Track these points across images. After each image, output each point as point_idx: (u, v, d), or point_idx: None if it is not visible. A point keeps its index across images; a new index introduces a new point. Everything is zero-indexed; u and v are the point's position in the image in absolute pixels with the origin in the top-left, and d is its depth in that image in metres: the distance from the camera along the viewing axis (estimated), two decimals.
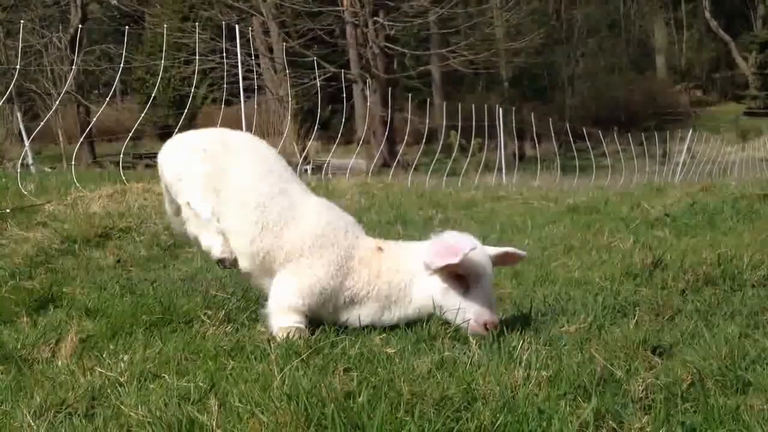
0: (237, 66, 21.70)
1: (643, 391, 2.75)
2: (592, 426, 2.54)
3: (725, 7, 60.29)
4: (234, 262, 3.99)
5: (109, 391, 2.90)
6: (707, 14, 59.70)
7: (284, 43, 32.33)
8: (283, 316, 3.80)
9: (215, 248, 3.97)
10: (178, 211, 4.22)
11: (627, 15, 57.25)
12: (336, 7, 34.75)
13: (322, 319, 3.91)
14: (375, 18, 33.59)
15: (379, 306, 3.90)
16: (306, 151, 21.54)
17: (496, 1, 40.01)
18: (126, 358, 3.24)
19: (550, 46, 48.14)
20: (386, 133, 26.83)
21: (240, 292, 4.76)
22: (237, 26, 15.89)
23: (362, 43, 34.52)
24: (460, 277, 3.78)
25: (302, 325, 3.78)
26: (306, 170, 22.01)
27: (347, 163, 20.70)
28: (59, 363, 3.31)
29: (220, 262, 4.00)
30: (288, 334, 3.65)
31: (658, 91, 53.30)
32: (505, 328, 3.77)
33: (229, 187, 3.99)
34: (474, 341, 3.44)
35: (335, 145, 18.37)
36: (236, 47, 21.60)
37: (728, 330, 3.70)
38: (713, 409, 2.66)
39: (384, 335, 3.66)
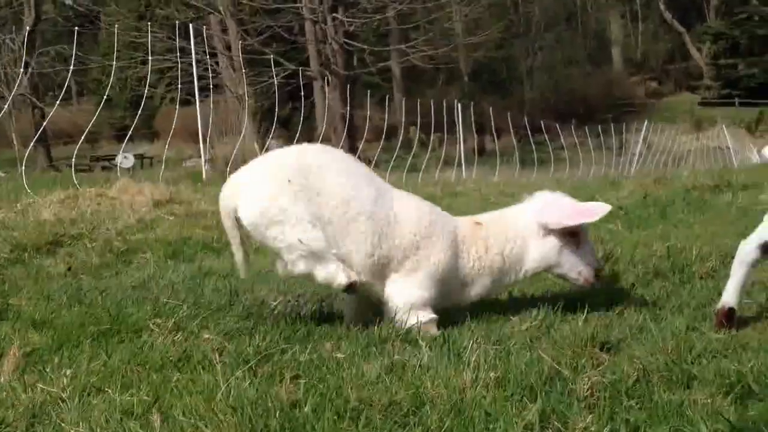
0: (198, 65, 21.49)
1: (588, 389, 2.77)
2: (538, 426, 2.54)
3: None
4: (360, 283, 3.80)
5: (50, 407, 2.84)
6: (662, 6, 60.47)
7: (242, 41, 32.09)
8: (417, 312, 3.84)
9: (340, 276, 3.73)
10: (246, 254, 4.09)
11: (583, 8, 57.82)
12: (295, 4, 34.53)
13: (438, 306, 3.97)
14: (334, 14, 33.45)
15: (490, 278, 4.04)
16: (265, 149, 21.37)
17: None
18: (69, 372, 3.17)
19: (508, 39, 48.45)
20: (346, 129, 26.76)
21: (192, 298, 4.71)
22: (191, 24, 15.68)
23: (321, 40, 34.38)
24: (572, 234, 3.99)
25: (434, 315, 3.88)
26: None
27: None
28: (0, 380, 3.23)
29: (350, 287, 3.77)
30: (428, 329, 3.78)
31: (615, 83, 53.97)
32: (456, 329, 3.81)
33: (329, 208, 3.78)
34: (424, 344, 3.43)
35: (295, 143, 18.20)
36: (194, 45, 21.36)
37: (676, 323, 3.75)
38: (657, 405, 2.68)
39: (335, 340, 3.63)
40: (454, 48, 41.09)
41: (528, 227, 4.02)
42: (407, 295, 3.84)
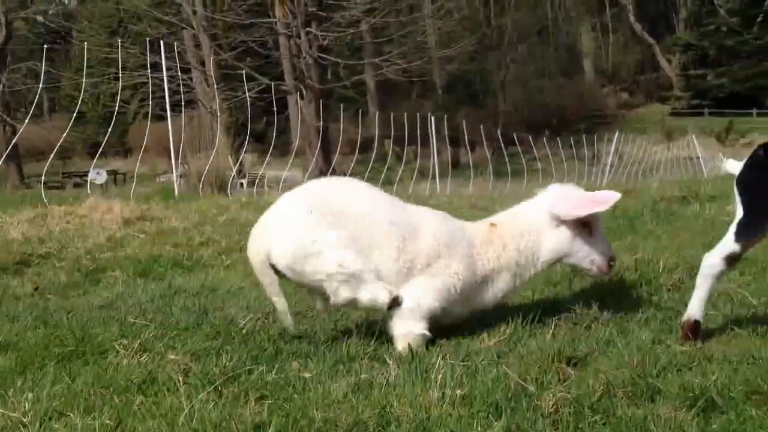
0: (171, 80, 21.38)
1: (553, 405, 2.78)
2: None
3: (649, 11, 61.96)
4: (400, 296, 3.83)
5: None
6: (632, 18, 61.23)
7: (216, 56, 32.00)
8: (414, 321, 3.84)
9: (382, 293, 3.76)
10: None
11: (555, 21, 58.34)
12: (268, 19, 34.52)
13: (453, 316, 4.02)
14: (308, 29, 33.48)
15: (510, 275, 4.10)
16: (239, 164, 21.29)
17: (427, 9, 40.33)
18: (31, 395, 3.12)
19: (481, 52, 48.79)
20: (321, 143, 26.75)
21: (160, 318, 4.67)
22: (161, 41, 15.61)
23: (295, 54, 34.38)
24: (585, 224, 4.06)
25: (427, 333, 3.86)
26: (241, 184, 21.76)
27: (285, 174, 20.59)
28: None
29: (394, 301, 3.79)
30: (413, 343, 3.78)
31: (587, 94, 54.52)
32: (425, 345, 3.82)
33: (352, 224, 3.83)
34: (392, 361, 3.42)
35: (268, 157, 18.23)
36: (168, 61, 21.26)
37: (642, 336, 3.77)
38: (621, 420, 2.70)
39: (302, 359, 3.61)
40: (428, 61, 41.27)
41: (541, 220, 4.12)
42: (417, 299, 3.86)
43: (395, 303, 3.80)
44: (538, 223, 4.12)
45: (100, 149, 17.17)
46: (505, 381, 3.04)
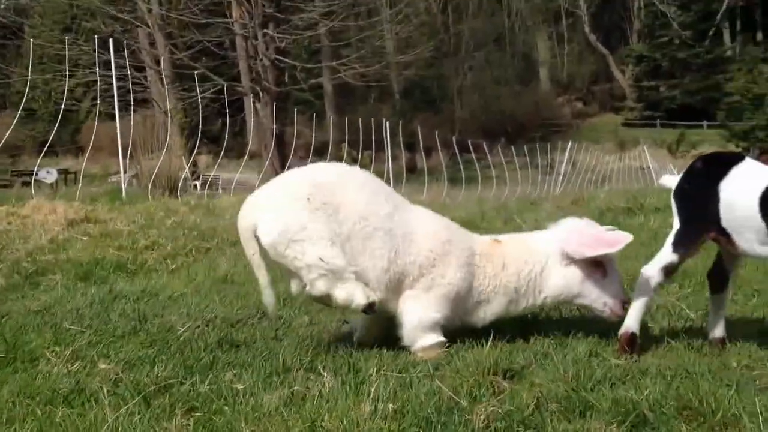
0: (122, 79, 21.04)
1: (484, 419, 2.77)
2: None
3: (603, 22, 62.92)
4: (377, 302, 3.74)
5: None
6: (586, 29, 62.13)
7: (171, 55, 31.61)
8: (425, 334, 3.82)
9: (359, 295, 3.67)
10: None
11: (511, 29, 58.92)
12: (225, 19, 34.21)
13: (451, 324, 3.95)
14: (265, 30, 33.27)
15: (507, 300, 4.01)
16: (191, 164, 21.04)
17: (386, 14, 40.40)
18: None
19: (439, 59, 49.00)
20: (277, 146, 26.58)
21: (97, 324, 4.57)
22: (111, 38, 15.35)
23: (252, 56, 34.12)
24: (597, 263, 3.94)
25: (442, 338, 3.84)
26: (195, 186, 21.51)
27: (240, 177, 20.42)
28: None
29: (369, 307, 3.70)
30: (433, 353, 3.75)
31: (542, 103, 55.13)
32: (364, 354, 3.79)
33: (348, 224, 3.73)
34: (326, 373, 3.38)
35: (220, 159, 18.05)
36: (122, 59, 20.91)
37: (579, 349, 3.79)
38: None
39: (237, 369, 3.55)
40: (386, 66, 41.32)
41: (549, 253, 3.99)
42: (418, 315, 3.83)
43: (370, 308, 3.72)
44: (546, 256, 4.00)
45: (45, 147, 16.76)
46: (438, 394, 3.02)
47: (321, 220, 3.68)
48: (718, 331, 3.94)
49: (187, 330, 4.34)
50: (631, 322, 3.80)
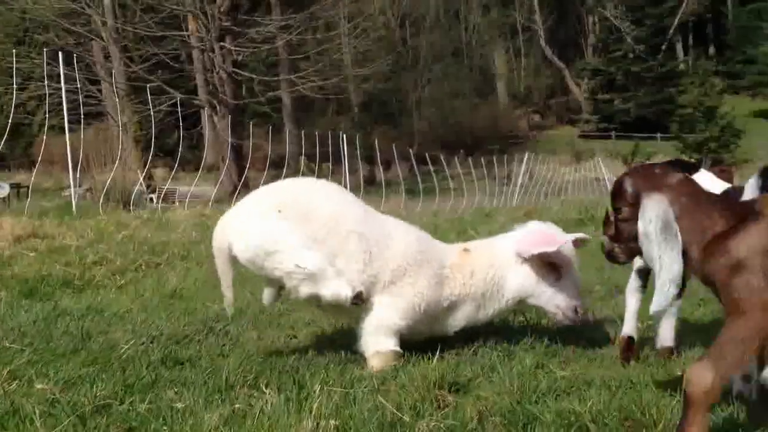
0: (76, 92, 20.72)
1: None
2: None
3: (559, 36, 63.75)
4: (363, 292, 3.84)
5: None
6: (543, 43, 62.89)
7: (126, 68, 31.26)
8: (383, 338, 3.84)
9: (344, 289, 3.77)
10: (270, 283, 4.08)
11: (469, 43, 59.39)
12: (181, 32, 33.96)
13: (417, 333, 3.98)
14: (221, 43, 33.07)
15: (475, 305, 4.06)
16: (146, 178, 20.77)
17: (344, 28, 40.45)
18: None
19: (397, 72, 49.14)
20: (234, 159, 26.38)
21: (38, 342, 4.46)
22: (60, 51, 15.13)
23: (209, 69, 33.88)
24: (552, 265, 4.01)
25: (398, 349, 3.86)
26: (151, 199, 21.22)
27: (198, 190, 20.19)
28: None
29: (357, 297, 3.80)
30: (385, 361, 3.77)
31: (500, 116, 55.57)
32: (310, 369, 3.75)
33: (320, 228, 3.83)
34: (269, 390, 3.32)
35: (173, 172, 17.87)
36: (74, 72, 20.59)
37: (525, 361, 3.78)
38: None
39: (179, 387, 3.48)
40: (344, 79, 41.34)
41: (507, 255, 4.08)
42: (384, 319, 3.86)
43: (359, 298, 3.80)
44: (505, 257, 4.08)
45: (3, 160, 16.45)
46: (381, 410, 2.99)
47: (293, 229, 3.78)
48: (668, 341, 3.96)
49: (130, 347, 4.26)
50: (626, 328, 3.89)
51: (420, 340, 4.07)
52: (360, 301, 3.84)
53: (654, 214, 2.70)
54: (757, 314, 2.46)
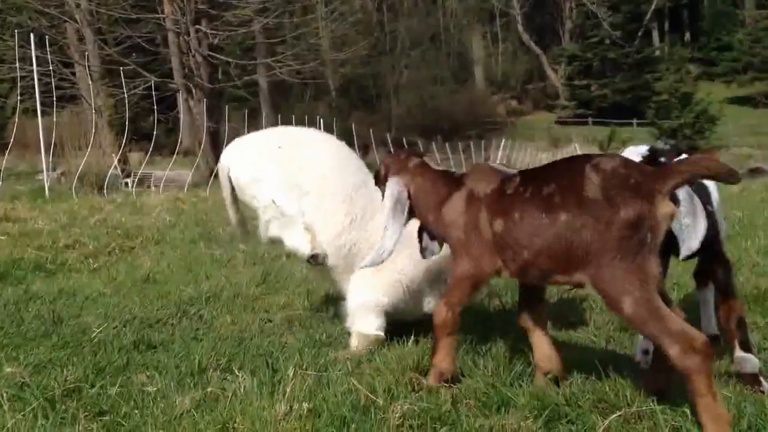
0: (49, 74, 20.43)
1: (400, 417, 2.72)
2: None
3: (536, 22, 63.89)
4: (325, 257, 3.90)
5: None
6: (520, 28, 62.98)
7: (101, 51, 30.85)
8: (365, 318, 3.83)
9: (303, 246, 3.87)
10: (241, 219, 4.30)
11: (446, 28, 59.32)
12: (156, 15, 33.57)
13: (404, 313, 3.97)
14: (197, 26, 32.74)
15: None
16: (121, 161, 20.57)
17: (321, 12, 40.18)
18: None
19: (375, 56, 48.98)
20: (210, 143, 26.18)
21: (8, 326, 4.40)
22: (32, 33, 14.90)
23: (185, 52, 33.54)
24: None
25: (382, 333, 3.84)
26: (126, 183, 21.03)
27: (174, 174, 20.02)
28: None
29: (312, 258, 3.86)
30: (366, 344, 3.76)
31: (478, 101, 55.58)
32: (285, 351, 3.73)
33: (311, 182, 3.91)
34: (242, 373, 3.29)
35: (148, 156, 17.71)
36: (47, 54, 20.30)
37: (501, 344, 3.78)
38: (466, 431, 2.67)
39: (151, 371, 3.44)
40: (322, 63, 41.10)
41: None
42: (363, 295, 3.85)
43: (315, 259, 3.86)
44: None
45: None
46: (355, 393, 2.97)
47: (284, 169, 3.91)
48: (713, 328, 3.78)
49: (102, 331, 4.21)
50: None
51: (400, 323, 4.04)
52: (316, 263, 3.91)
53: (390, 192, 3.33)
54: (464, 260, 3.09)
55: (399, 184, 3.33)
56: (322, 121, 20.81)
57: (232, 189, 4.12)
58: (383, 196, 3.43)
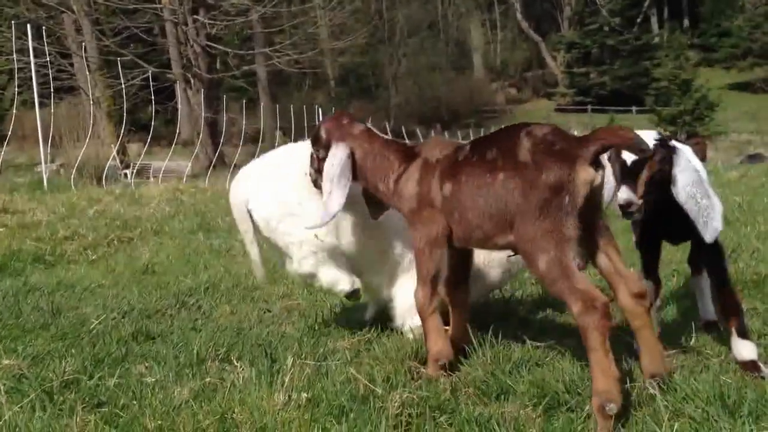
0: (47, 66, 20.35)
1: (399, 406, 2.71)
2: None
3: (535, 9, 63.63)
4: (359, 291, 3.77)
5: None
6: (519, 16, 62.74)
7: (98, 42, 30.76)
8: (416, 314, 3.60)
9: (343, 281, 3.69)
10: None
11: (445, 16, 59.11)
12: (154, 5, 33.45)
13: None
14: (195, 16, 32.62)
15: (501, 270, 4.00)
16: (121, 153, 20.55)
17: (319, 0, 40.01)
18: None
19: (373, 45, 48.88)
20: (209, 133, 26.15)
21: (7, 317, 4.39)
22: (29, 24, 14.85)
23: (183, 42, 33.43)
24: None
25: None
26: (125, 174, 21.00)
27: (173, 165, 20.00)
28: None
29: (352, 294, 3.74)
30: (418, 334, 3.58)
31: (477, 89, 55.41)
32: (284, 341, 3.72)
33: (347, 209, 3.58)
34: (241, 364, 3.28)
35: (146, 147, 17.68)
36: (44, 45, 20.21)
37: (500, 332, 3.76)
38: (465, 420, 2.66)
39: (149, 362, 3.43)
40: (320, 53, 40.99)
41: None
42: (410, 297, 3.62)
43: (353, 295, 3.75)
44: None
45: None
46: (354, 382, 2.96)
47: (316, 198, 3.52)
48: (710, 314, 3.77)
49: (101, 322, 4.20)
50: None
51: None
52: (355, 298, 3.82)
53: (339, 158, 3.29)
54: (419, 227, 3.13)
55: (346, 150, 3.30)
56: (321, 110, 20.72)
57: (253, 225, 3.73)
58: (319, 157, 3.37)
